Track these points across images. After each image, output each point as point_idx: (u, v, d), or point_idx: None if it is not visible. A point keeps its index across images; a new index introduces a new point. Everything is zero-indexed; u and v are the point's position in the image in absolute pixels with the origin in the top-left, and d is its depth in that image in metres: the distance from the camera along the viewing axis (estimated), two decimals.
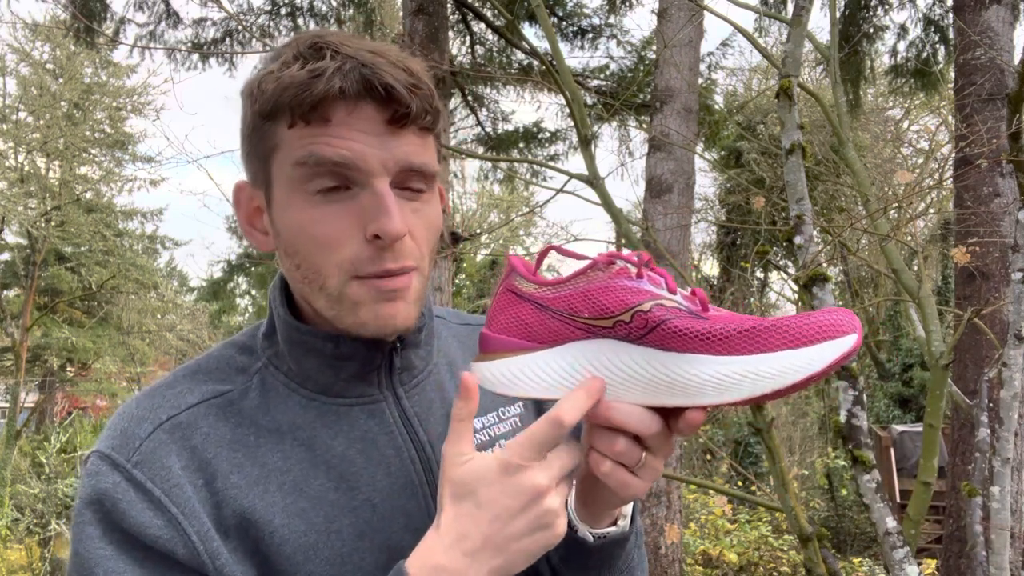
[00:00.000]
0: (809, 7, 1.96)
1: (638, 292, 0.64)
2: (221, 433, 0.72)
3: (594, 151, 2.31)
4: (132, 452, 0.69)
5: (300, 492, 0.71)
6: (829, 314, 0.61)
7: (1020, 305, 1.95)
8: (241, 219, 0.78)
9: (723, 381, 0.61)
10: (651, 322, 0.63)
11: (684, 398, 0.63)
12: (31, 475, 9.76)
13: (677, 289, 0.65)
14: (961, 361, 4.79)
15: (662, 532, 5.19)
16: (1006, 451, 1.98)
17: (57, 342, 17.23)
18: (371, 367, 0.77)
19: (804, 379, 0.60)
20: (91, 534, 0.66)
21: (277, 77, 0.68)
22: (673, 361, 0.62)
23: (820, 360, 0.60)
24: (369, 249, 0.69)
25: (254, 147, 0.73)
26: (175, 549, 0.66)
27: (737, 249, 13.86)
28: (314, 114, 0.67)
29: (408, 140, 0.70)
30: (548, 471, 0.64)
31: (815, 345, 0.60)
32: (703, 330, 0.62)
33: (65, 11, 7.96)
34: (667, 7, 5.64)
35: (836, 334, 0.60)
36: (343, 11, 7.69)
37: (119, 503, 0.66)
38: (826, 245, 3.40)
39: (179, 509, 0.67)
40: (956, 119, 5.14)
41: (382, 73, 0.67)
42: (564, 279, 0.67)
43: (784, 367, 0.60)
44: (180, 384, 0.75)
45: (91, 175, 17.80)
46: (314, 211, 0.69)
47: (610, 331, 0.64)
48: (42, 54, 16.16)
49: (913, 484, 2.29)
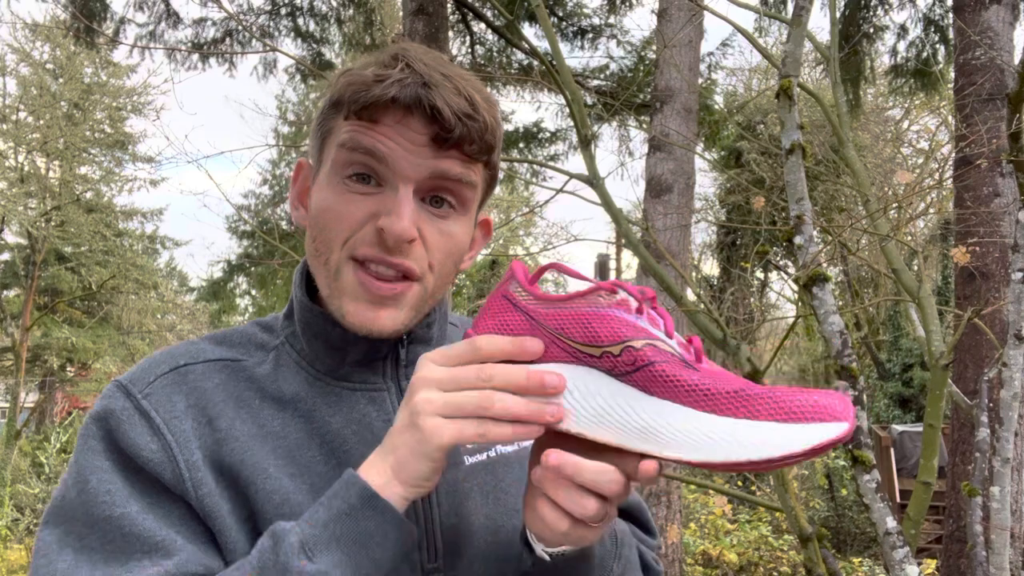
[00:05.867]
0: (809, 7, 1.96)
1: (634, 328, 0.62)
2: (229, 389, 0.77)
3: (594, 151, 2.31)
4: (145, 385, 0.75)
5: (292, 458, 0.75)
6: (825, 396, 0.58)
7: (1020, 305, 1.95)
8: (292, 194, 0.84)
9: (698, 438, 0.58)
10: (640, 361, 0.61)
11: (653, 446, 0.60)
12: (31, 475, 9.77)
13: (675, 334, 0.63)
14: (961, 361, 4.79)
15: (662, 532, 5.19)
16: (1006, 451, 1.98)
17: (57, 342, 17.22)
18: (376, 356, 0.80)
19: (782, 456, 0.56)
20: (93, 447, 0.72)
21: (352, 75, 0.74)
22: (652, 406, 0.60)
23: (804, 440, 0.56)
24: (372, 236, 0.73)
25: (318, 127, 0.79)
26: (162, 472, 0.70)
27: (737, 249, 13.86)
28: (365, 113, 0.72)
29: (448, 158, 0.73)
30: (435, 364, 0.65)
31: (802, 423, 0.56)
32: (690, 382, 0.59)
33: (65, 11, 7.96)
34: (667, 7, 5.64)
35: (827, 418, 0.56)
36: (343, 11, 7.69)
37: (122, 423, 0.72)
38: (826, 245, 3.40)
39: (174, 438, 0.72)
40: (956, 119, 5.15)
41: (436, 95, 0.71)
42: (563, 297, 0.65)
43: (765, 439, 0.57)
44: (204, 343, 0.81)
45: (91, 175, 17.82)
46: (340, 194, 0.74)
47: (596, 360, 0.63)
48: (42, 54, 16.17)
49: (913, 484, 2.29)
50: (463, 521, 0.78)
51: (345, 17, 7.68)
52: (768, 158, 11.46)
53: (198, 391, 0.75)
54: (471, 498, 0.79)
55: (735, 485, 8.92)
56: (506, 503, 0.82)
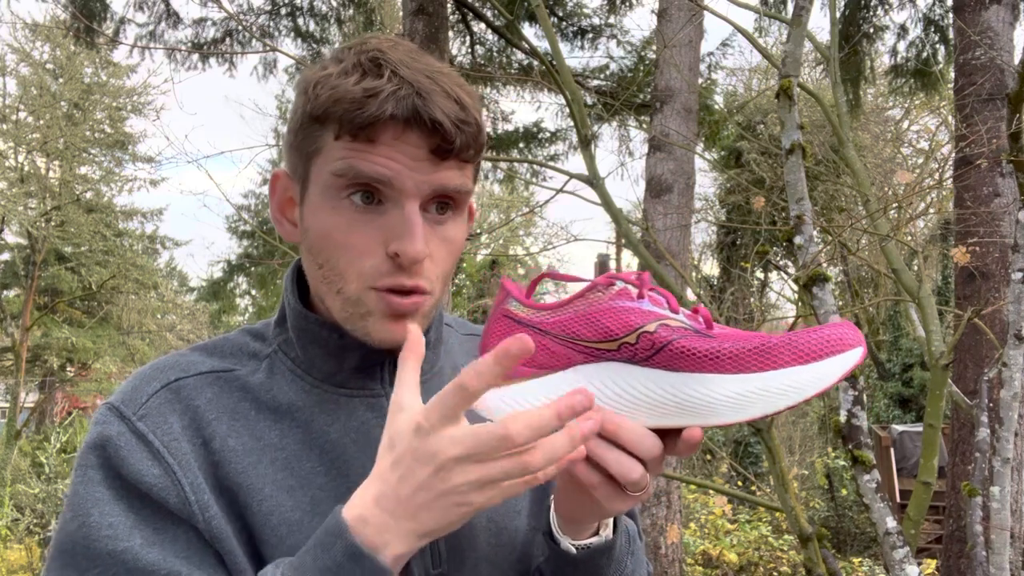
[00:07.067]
0: (809, 7, 1.96)
1: (642, 313, 0.63)
2: (223, 402, 0.75)
3: (594, 151, 2.31)
4: (138, 407, 0.73)
5: (291, 470, 0.73)
6: (834, 328, 0.62)
7: (1020, 305, 1.95)
8: (273, 206, 0.82)
9: (737, 399, 0.61)
10: (657, 343, 0.62)
11: (696, 418, 0.62)
12: (31, 475, 9.77)
13: (679, 308, 0.65)
14: (961, 361, 4.79)
15: (662, 532, 5.19)
16: (1006, 451, 1.98)
17: (57, 342, 17.22)
18: (374, 361, 0.79)
19: (815, 393, 0.61)
20: (92, 477, 0.70)
21: (333, 85, 0.70)
22: (683, 381, 0.62)
23: (829, 375, 0.61)
24: (388, 264, 0.71)
25: (299, 143, 0.75)
26: (167, 498, 0.69)
27: (737, 249, 13.86)
28: (362, 133, 0.69)
29: (447, 168, 0.72)
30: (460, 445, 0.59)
31: (823, 360, 0.61)
32: (712, 349, 0.61)
33: (65, 11, 7.96)
34: (667, 7, 5.64)
35: (843, 348, 0.61)
36: (343, 11, 7.69)
37: (120, 450, 0.70)
38: (826, 245, 3.40)
39: (175, 460, 0.70)
40: (956, 119, 5.14)
41: (432, 106, 0.69)
42: (563, 302, 0.66)
43: (795, 383, 0.61)
44: (194, 355, 0.79)
45: (91, 175, 17.82)
46: (344, 219, 0.72)
47: (615, 353, 0.64)
48: (42, 54, 16.17)
49: (913, 484, 2.29)
50: (465, 524, 0.78)
51: (345, 17, 7.68)
52: (768, 158, 11.46)
53: (191, 409, 0.74)
54: None
55: (735, 485, 8.92)
56: (507, 505, 0.81)
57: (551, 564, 0.75)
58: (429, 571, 0.75)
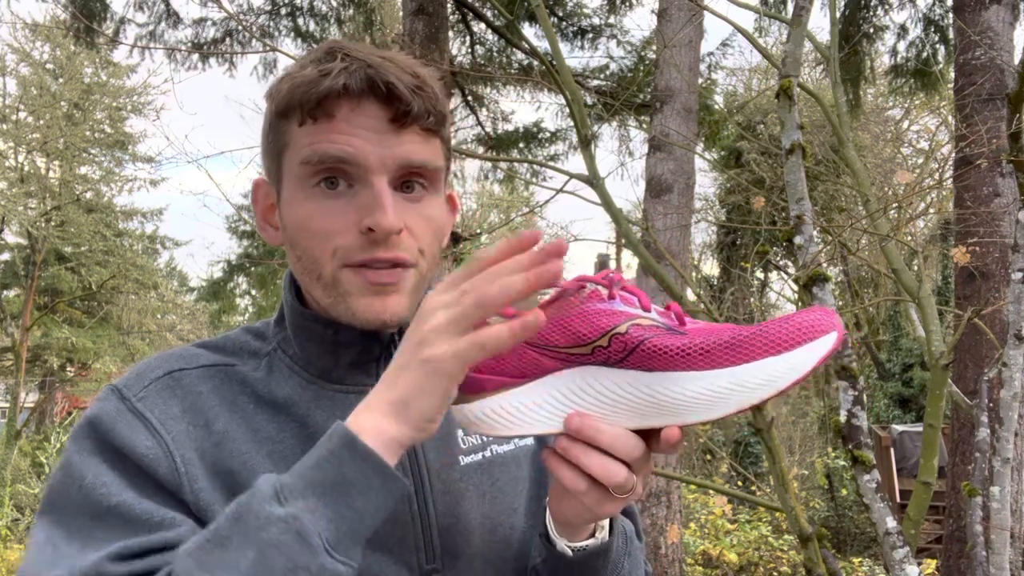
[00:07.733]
0: (809, 7, 1.96)
1: (612, 314, 0.62)
2: (223, 393, 0.77)
3: (594, 151, 2.31)
4: (140, 389, 0.75)
5: (287, 463, 0.73)
6: (807, 315, 0.61)
7: (1020, 305, 1.95)
8: (258, 216, 0.83)
9: (710, 396, 0.60)
10: (629, 344, 0.61)
11: (672, 418, 0.62)
12: (31, 475, 9.77)
13: (651, 306, 0.64)
14: (961, 361, 4.79)
15: (662, 532, 5.19)
16: (1006, 451, 1.98)
17: (57, 342, 17.22)
18: (369, 357, 0.79)
19: (790, 384, 0.60)
20: (86, 447, 0.71)
21: (292, 78, 0.73)
22: (657, 381, 0.61)
23: (804, 364, 0.59)
24: (360, 240, 0.72)
25: (270, 144, 0.77)
26: (158, 468, 0.70)
27: (737, 249, 13.86)
28: (320, 110, 0.71)
29: (410, 139, 0.73)
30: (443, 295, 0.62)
31: (796, 349, 0.59)
32: (683, 346, 0.61)
33: (65, 11, 7.96)
34: (667, 7, 5.64)
35: (816, 335, 0.60)
36: (343, 11, 7.69)
37: (117, 423, 0.72)
38: (826, 245, 3.40)
39: (170, 436, 0.72)
40: (956, 119, 5.14)
41: (386, 73, 0.71)
42: None
43: (769, 375, 0.59)
44: (197, 349, 0.81)
45: (91, 175, 17.81)
46: (315, 205, 0.73)
47: (589, 357, 0.63)
48: (42, 54, 16.17)
49: (913, 484, 2.29)
50: (460, 521, 0.78)
51: (345, 17, 7.68)
52: (768, 158, 11.46)
53: (193, 395, 0.75)
54: (467, 498, 0.79)
55: (735, 485, 8.92)
56: (502, 503, 0.82)
57: (548, 565, 0.75)
58: (424, 567, 0.75)
